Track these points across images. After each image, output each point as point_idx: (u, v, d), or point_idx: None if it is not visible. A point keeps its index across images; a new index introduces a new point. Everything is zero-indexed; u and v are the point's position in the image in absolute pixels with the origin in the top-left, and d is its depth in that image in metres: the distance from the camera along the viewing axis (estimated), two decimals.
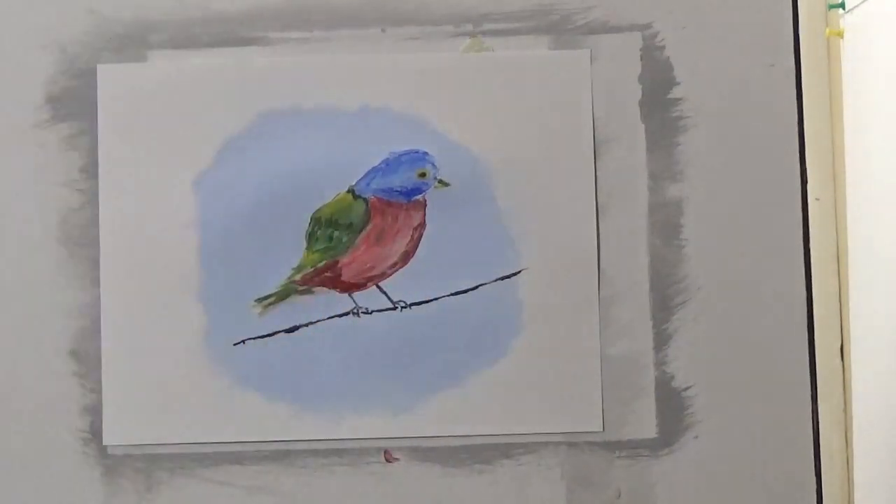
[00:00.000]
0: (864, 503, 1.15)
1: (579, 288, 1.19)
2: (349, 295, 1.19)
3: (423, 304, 1.19)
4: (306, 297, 1.18)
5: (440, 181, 1.19)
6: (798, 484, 1.18)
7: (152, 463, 1.18)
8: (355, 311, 1.19)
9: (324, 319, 1.19)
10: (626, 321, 1.19)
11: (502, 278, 1.19)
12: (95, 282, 1.19)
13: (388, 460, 1.19)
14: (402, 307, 1.19)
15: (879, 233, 1.12)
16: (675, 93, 1.20)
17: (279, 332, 1.18)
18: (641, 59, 1.20)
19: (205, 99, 1.20)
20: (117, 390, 1.18)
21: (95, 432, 1.19)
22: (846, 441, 1.19)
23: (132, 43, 1.20)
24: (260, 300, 1.18)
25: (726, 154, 1.19)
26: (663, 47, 1.20)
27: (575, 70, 1.19)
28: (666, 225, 1.19)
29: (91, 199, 1.19)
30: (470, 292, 1.19)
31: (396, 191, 1.19)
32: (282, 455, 1.17)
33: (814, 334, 1.18)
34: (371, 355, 1.19)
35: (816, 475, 1.17)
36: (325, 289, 1.19)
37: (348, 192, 1.19)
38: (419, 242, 1.19)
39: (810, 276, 1.18)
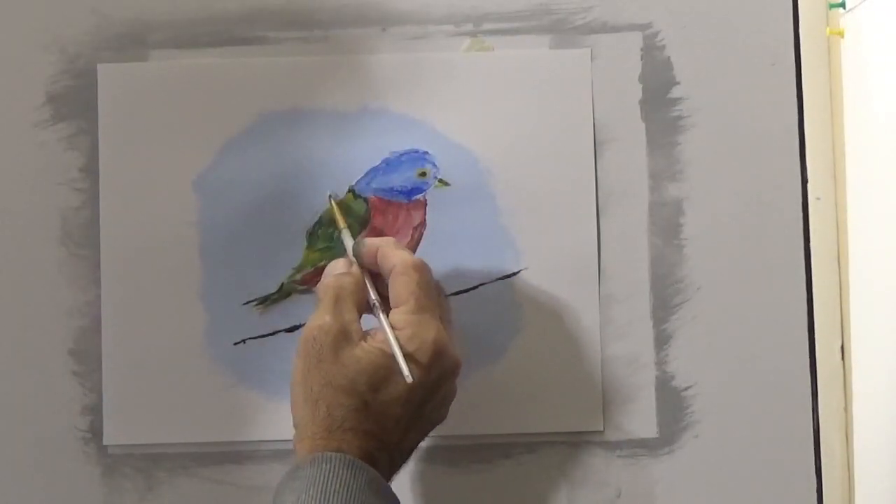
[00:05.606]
0: (865, 503, 1.15)
1: (579, 288, 1.19)
2: None
3: None
4: (307, 297, 1.18)
5: (440, 181, 1.18)
6: (798, 484, 1.17)
7: (152, 463, 1.18)
8: None
9: None
10: (626, 321, 1.19)
11: (502, 278, 1.19)
12: (95, 282, 1.19)
13: None
14: None
15: (879, 233, 1.12)
16: (675, 93, 1.20)
17: (279, 331, 1.18)
18: (641, 59, 1.20)
19: (205, 99, 1.19)
20: (117, 390, 1.18)
21: (95, 432, 1.18)
22: (846, 441, 1.19)
23: (132, 43, 1.20)
24: (261, 299, 1.18)
25: (726, 154, 1.19)
26: (663, 47, 1.20)
27: (575, 69, 1.19)
28: (666, 225, 1.19)
29: (91, 199, 1.19)
30: (470, 292, 1.19)
31: (396, 190, 1.19)
32: (282, 455, 1.17)
33: (814, 334, 1.18)
34: None
35: (816, 475, 1.17)
36: None
37: (349, 191, 1.19)
38: (419, 242, 1.18)
39: (810, 276, 1.18)
